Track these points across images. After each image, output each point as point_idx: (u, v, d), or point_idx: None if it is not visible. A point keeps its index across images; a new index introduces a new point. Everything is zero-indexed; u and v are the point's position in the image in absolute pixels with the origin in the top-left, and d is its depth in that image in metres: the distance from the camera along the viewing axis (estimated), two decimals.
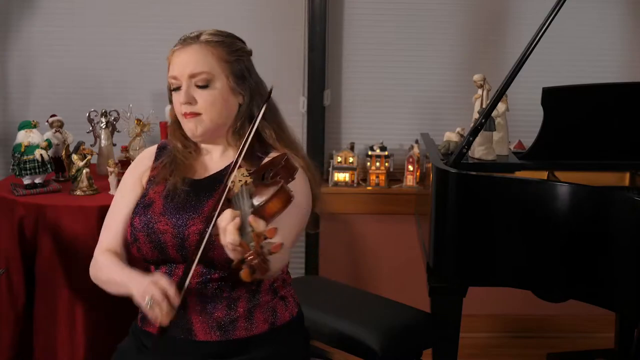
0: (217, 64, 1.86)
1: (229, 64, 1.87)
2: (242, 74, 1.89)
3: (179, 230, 1.83)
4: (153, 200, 1.90)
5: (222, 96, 1.86)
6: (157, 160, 1.99)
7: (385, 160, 3.56)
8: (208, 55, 1.86)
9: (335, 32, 3.62)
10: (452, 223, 2.52)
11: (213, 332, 1.84)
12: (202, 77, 1.85)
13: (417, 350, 2.62)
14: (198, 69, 1.84)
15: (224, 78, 1.86)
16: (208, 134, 1.90)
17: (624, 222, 2.29)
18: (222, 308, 1.85)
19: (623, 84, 2.99)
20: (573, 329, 3.69)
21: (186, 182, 1.89)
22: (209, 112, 1.86)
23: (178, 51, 1.88)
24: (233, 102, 1.89)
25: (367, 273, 3.69)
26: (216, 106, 1.86)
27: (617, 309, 2.71)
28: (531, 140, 2.80)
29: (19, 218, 2.74)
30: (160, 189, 1.91)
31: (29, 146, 2.87)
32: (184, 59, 1.86)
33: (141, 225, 1.87)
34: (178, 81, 1.87)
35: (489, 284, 2.56)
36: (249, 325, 1.86)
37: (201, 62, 1.85)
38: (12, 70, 3.60)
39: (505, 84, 2.62)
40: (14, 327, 2.80)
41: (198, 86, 1.85)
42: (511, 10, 3.62)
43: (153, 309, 1.65)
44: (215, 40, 1.88)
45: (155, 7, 3.54)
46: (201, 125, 1.87)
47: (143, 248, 1.87)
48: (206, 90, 1.85)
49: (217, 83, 1.86)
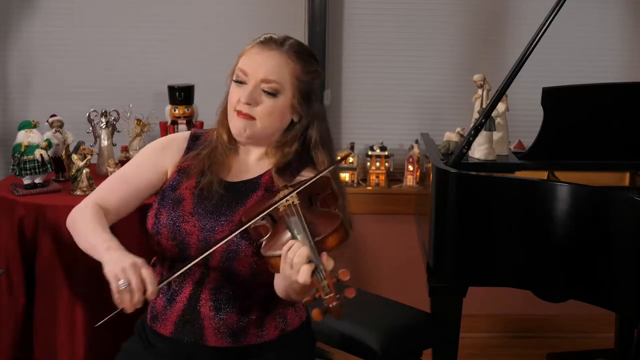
0: (289, 79, 1.83)
1: (300, 82, 1.84)
2: (308, 97, 1.86)
3: (206, 234, 1.79)
4: (183, 197, 1.84)
5: (281, 109, 1.83)
6: (190, 150, 1.92)
7: (385, 160, 3.56)
8: (285, 67, 1.82)
9: (335, 32, 3.62)
10: (452, 223, 2.52)
11: (224, 339, 1.83)
12: (272, 86, 1.81)
13: (417, 350, 2.62)
14: (272, 77, 1.81)
15: (290, 94, 1.83)
16: (253, 139, 1.86)
17: (624, 222, 2.29)
18: (235, 314, 1.82)
19: (623, 84, 2.99)
20: (573, 329, 3.69)
21: (222, 184, 1.85)
22: (264, 120, 1.83)
23: (259, 48, 1.84)
24: (288, 117, 1.86)
25: (367, 273, 3.68)
26: (272, 117, 1.83)
27: (617, 309, 2.71)
28: (531, 140, 2.80)
29: (19, 218, 2.74)
30: (192, 184, 1.85)
31: (29, 146, 2.87)
32: (262, 59, 1.82)
33: (167, 221, 1.82)
34: (247, 77, 1.82)
35: (489, 284, 2.56)
36: (259, 332, 1.85)
37: (277, 71, 1.81)
38: (12, 70, 3.60)
39: (505, 84, 2.62)
40: (14, 327, 2.79)
41: (264, 91, 1.81)
42: (511, 10, 3.62)
43: (123, 294, 1.60)
44: (297, 53, 1.84)
45: (155, 7, 3.54)
46: (250, 129, 1.83)
47: (164, 243, 1.82)
48: (271, 98, 1.82)
49: (283, 96, 1.83)
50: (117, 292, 1.60)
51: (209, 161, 1.87)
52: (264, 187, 1.85)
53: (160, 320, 1.87)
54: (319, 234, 1.55)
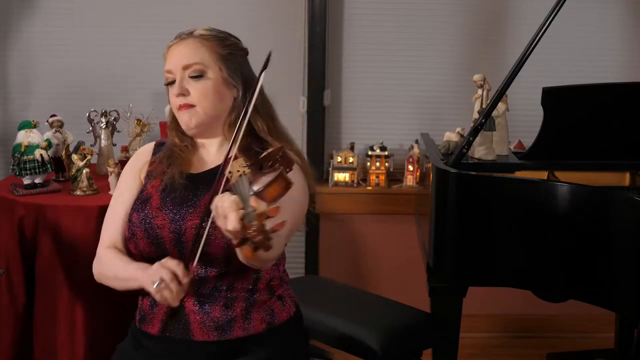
0: (210, 56, 1.88)
1: (222, 56, 1.89)
2: (235, 66, 1.90)
3: (176, 225, 1.83)
4: (150, 195, 1.90)
5: (215, 87, 1.88)
6: (155, 156, 1.99)
7: (385, 160, 3.56)
8: (201, 47, 1.88)
9: (335, 32, 3.62)
10: (452, 223, 2.52)
11: (211, 332, 1.84)
12: (194, 68, 1.86)
13: (417, 350, 2.62)
14: (191, 60, 1.86)
15: (217, 69, 1.88)
16: (202, 126, 1.90)
17: (624, 222, 2.28)
18: (220, 308, 1.85)
19: (623, 84, 2.99)
20: (573, 329, 3.69)
21: (184, 175, 1.90)
22: (203, 103, 1.87)
23: (172, 46, 1.91)
24: (227, 94, 1.90)
25: (367, 273, 3.68)
26: (209, 97, 1.87)
27: (617, 309, 2.71)
28: (531, 140, 2.80)
29: (19, 218, 2.74)
30: (158, 183, 1.91)
31: (29, 146, 2.87)
32: (177, 52, 1.89)
33: (139, 221, 1.87)
34: (172, 75, 1.89)
35: (489, 284, 2.56)
36: (246, 324, 1.86)
37: (194, 54, 1.87)
38: (12, 70, 3.60)
39: (505, 84, 2.62)
40: (14, 327, 2.79)
41: (191, 77, 1.87)
42: (511, 10, 3.62)
43: (162, 291, 1.66)
44: (209, 34, 1.91)
45: (155, 7, 3.54)
46: (195, 117, 1.88)
47: (140, 244, 1.87)
48: (199, 81, 1.87)
49: (210, 74, 1.87)
50: (157, 294, 1.67)
51: (168, 162, 1.93)
52: None
53: (147, 321, 1.90)
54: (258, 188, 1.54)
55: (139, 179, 1.97)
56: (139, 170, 1.99)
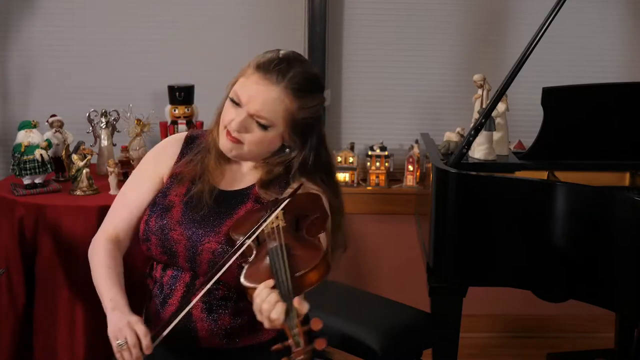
0: (283, 114, 1.80)
1: (294, 119, 1.82)
2: (301, 133, 1.84)
3: (193, 244, 1.80)
4: (173, 204, 1.86)
5: (270, 139, 1.83)
6: (184, 155, 1.93)
7: (385, 160, 3.56)
8: (281, 103, 1.79)
9: (335, 32, 3.62)
10: (452, 223, 2.52)
11: (218, 340, 1.83)
12: (264, 122, 1.79)
13: (417, 350, 2.62)
14: (264, 114, 1.79)
15: (282, 127, 1.82)
16: (241, 159, 1.88)
17: (624, 222, 2.29)
18: (227, 316, 1.83)
19: (623, 84, 2.99)
20: (573, 329, 3.69)
21: (214, 194, 1.85)
22: (251, 147, 1.82)
23: (258, 78, 1.79)
24: (278, 143, 1.85)
25: (367, 273, 3.68)
26: (260, 146, 1.83)
27: (617, 309, 2.71)
28: (531, 140, 2.80)
29: (19, 218, 2.74)
30: (182, 191, 1.87)
31: (29, 146, 2.87)
32: (258, 92, 1.79)
33: (156, 228, 1.84)
34: (241, 103, 1.80)
35: (489, 284, 2.56)
36: (253, 333, 1.85)
37: (271, 108, 1.79)
38: (12, 70, 3.60)
39: (505, 84, 2.62)
40: (14, 327, 2.79)
41: (256, 122, 1.80)
42: (511, 10, 3.62)
43: (122, 352, 1.67)
44: (297, 89, 1.80)
45: (155, 7, 3.54)
46: (237, 151, 1.83)
47: (154, 250, 1.85)
48: (261, 130, 1.80)
49: (274, 130, 1.81)
50: (117, 352, 1.68)
51: (201, 168, 1.88)
52: (253, 198, 1.85)
53: (153, 325, 1.86)
54: (299, 270, 1.49)
55: (159, 174, 1.92)
56: (163, 165, 1.93)
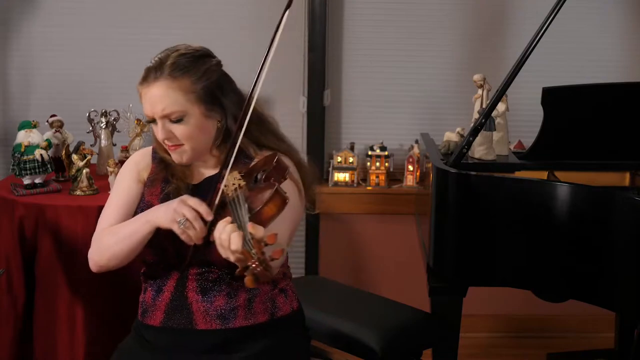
0: (185, 98, 1.83)
1: (197, 94, 1.84)
2: (212, 99, 1.87)
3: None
4: (151, 204, 1.90)
5: (198, 127, 1.85)
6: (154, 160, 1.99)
7: (385, 160, 3.56)
8: (175, 91, 1.83)
9: (335, 32, 3.62)
10: (452, 223, 2.52)
11: (213, 321, 1.86)
12: (175, 116, 1.84)
13: (417, 350, 2.62)
14: (168, 110, 1.83)
15: (196, 109, 1.85)
16: (193, 160, 1.91)
17: (624, 222, 2.28)
18: (222, 297, 1.86)
19: (623, 84, 2.99)
20: (573, 329, 3.69)
21: (189, 188, 1.90)
22: (189, 143, 1.86)
23: (144, 87, 1.88)
24: (210, 126, 1.88)
25: (367, 273, 3.68)
26: (194, 137, 1.86)
27: (617, 309, 2.71)
28: (531, 140, 2.80)
29: (19, 218, 2.74)
30: (157, 191, 1.92)
31: (29, 146, 2.87)
32: (152, 97, 1.85)
33: None
34: (151, 117, 1.87)
35: (489, 284, 2.55)
36: (249, 314, 1.88)
37: (169, 100, 1.83)
38: (12, 70, 3.60)
39: (505, 84, 2.63)
40: (14, 327, 2.80)
41: (172, 121, 1.84)
42: (511, 10, 3.62)
43: (187, 230, 1.67)
44: (179, 71, 1.85)
45: (155, 7, 3.54)
46: (185, 155, 1.88)
47: (142, 251, 1.87)
48: (181, 124, 1.84)
49: (191, 118, 1.84)
50: (182, 233, 1.68)
51: (168, 171, 1.93)
52: None
53: (149, 313, 1.91)
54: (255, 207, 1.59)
55: (142, 180, 1.97)
56: (141, 171, 1.98)
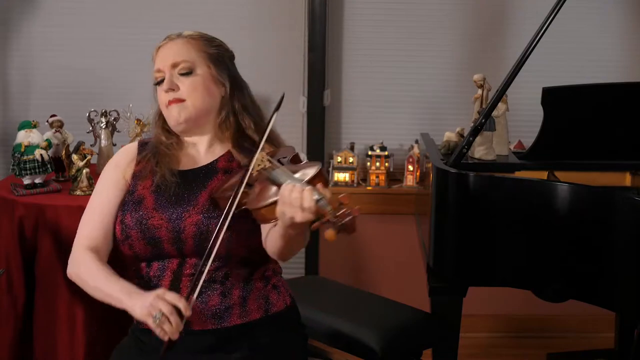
0: (198, 54, 1.93)
1: (210, 54, 1.95)
2: (222, 65, 1.96)
3: (175, 224, 1.84)
4: (143, 196, 1.90)
5: (204, 82, 1.92)
6: (140, 155, 2.00)
7: (385, 160, 3.56)
8: (190, 46, 1.94)
9: (335, 32, 3.62)
10: (452, 223, 2.52)
11: (208, 321, 1.86)
12: (183, 66, 1.91)
13: (417, 350, 2.62)
14: (179, 58, 1.92)
15: (205, 67, 1.93)
16: (191, 121, 1.92)
17: (624, 222, 2.28)
18: (216, 296, 1.86)
19: (623, 84, 2.99)
20: (573, 329, 3.69)
21: (174, 173, 1.91)
22: (192, 97, 1.91)
23: (161, 47, 1.97)
24: (215, 90, 1.94)
25: (367, 273, 3.68)
26: (199, 91, 1.91)
27: (617, 309, 2.71)
28: (531, 140, 2.80)
29: (19, 218, 2.74)
30: (149, 184, 1.92)
31: (29, 146, 2.87)
32: (166, 52, 1.94)
33: (133, 222, 1.87)
34: (162, 73, 1.94)
35: (489, 284, 2.56)
36: (243, 312, 1.88)
37: (183, 52, 1.93)
38: (12, 70, 3.60)
39: (505, 84, 2.63)
40: (14, 327, 2.79)
41: (181, 74, 1.91)
42: (511, 10, 3.62)
43: (162, 325, 1.66)
44: (197, 35, 1.98)
45: (155, 7, 3.54)
46: (184, 112, 1.91)
47: (136, 245, 1.87)
48: (189, 77, 1.91)
49: (199, 70, 1.92)
50: (157, 327, 1.67)
51: (155, 159, 1.95)
52: (222, 171, 1.92)
53: None
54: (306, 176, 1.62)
55: (123, 178, 1.96)
56: (123, 169, 1.98)
